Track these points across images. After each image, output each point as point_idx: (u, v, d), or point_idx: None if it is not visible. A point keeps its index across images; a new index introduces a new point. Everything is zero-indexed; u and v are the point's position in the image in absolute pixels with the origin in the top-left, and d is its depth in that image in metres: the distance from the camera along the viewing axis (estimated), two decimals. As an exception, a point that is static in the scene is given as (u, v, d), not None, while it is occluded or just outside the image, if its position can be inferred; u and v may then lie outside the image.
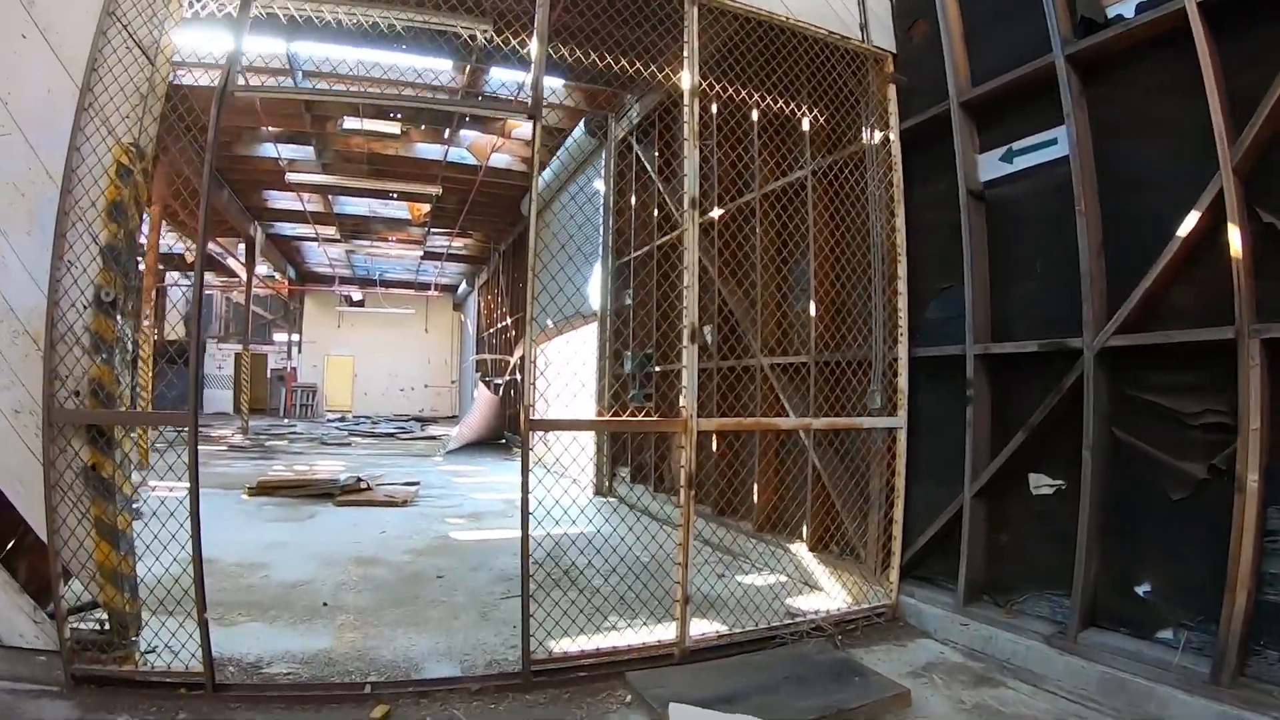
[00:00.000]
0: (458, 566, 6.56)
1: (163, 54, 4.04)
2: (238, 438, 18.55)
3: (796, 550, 6.22)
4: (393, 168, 15.54)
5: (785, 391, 6.58)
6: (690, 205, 4.43)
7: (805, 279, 6.34)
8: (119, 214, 3.83)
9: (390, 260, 27.58)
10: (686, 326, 4.44)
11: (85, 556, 3.76)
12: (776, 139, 6.75)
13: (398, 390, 34.05)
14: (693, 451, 4.38)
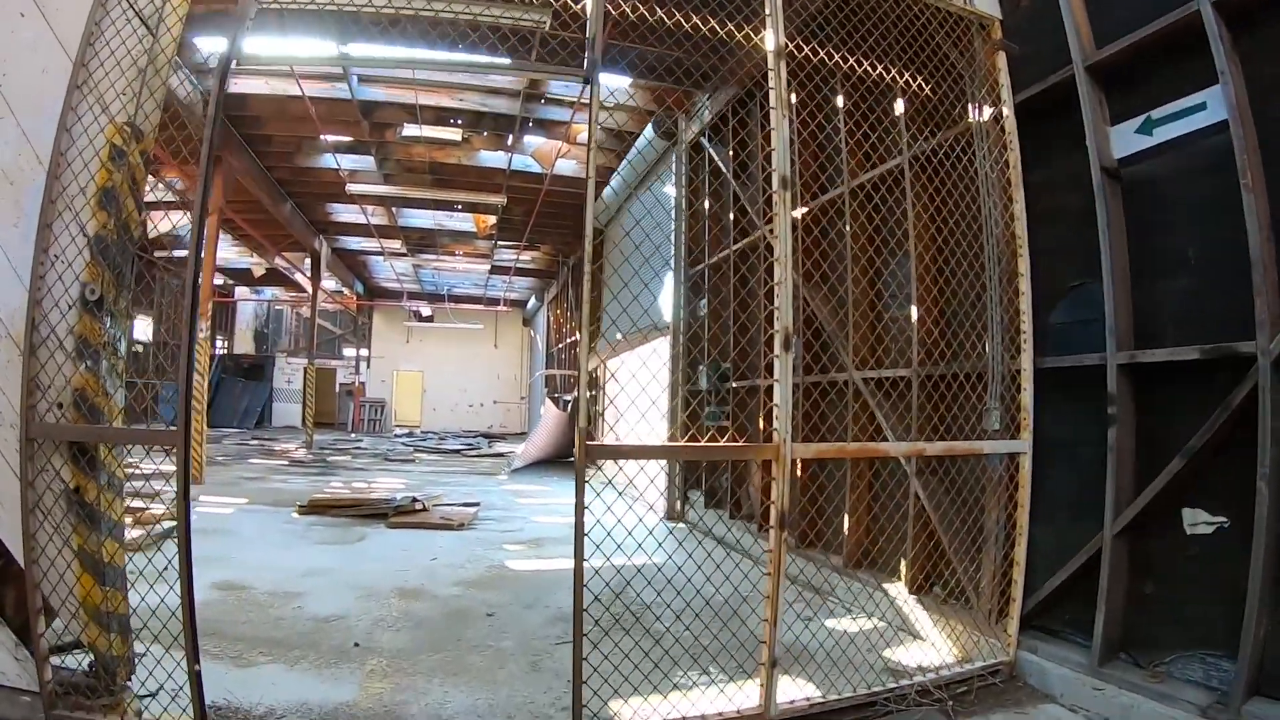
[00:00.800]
0: (510, 603, 5.98)
1: (165, 25, 3.55)
2: (301, 452, 18.53)
3: (894, 591, 5.46)
4: (455, 177, 15.34)
5: (882, 410, 5.85)
6: (781, 185, 3.77)
7: (905, 281, 5.61)
8: (110, 201, 3.36)
9: (458, 275, 27.60)
10: (779, 331, 3.71)
11: (66, 590, 3.29)
12: (865, 124, 6.04)
13: (466, 406, 34.05)
14: (787, 484, 3.67)
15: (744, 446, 4.89)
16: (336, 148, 13.66)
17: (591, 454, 3.46)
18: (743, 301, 8.78)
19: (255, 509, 9.93)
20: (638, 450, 4.14)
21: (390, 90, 11.31)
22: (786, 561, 5.33)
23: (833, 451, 4.49)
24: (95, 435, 3.26)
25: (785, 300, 3.73)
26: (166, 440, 3.22)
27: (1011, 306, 4.50)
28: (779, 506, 3.66)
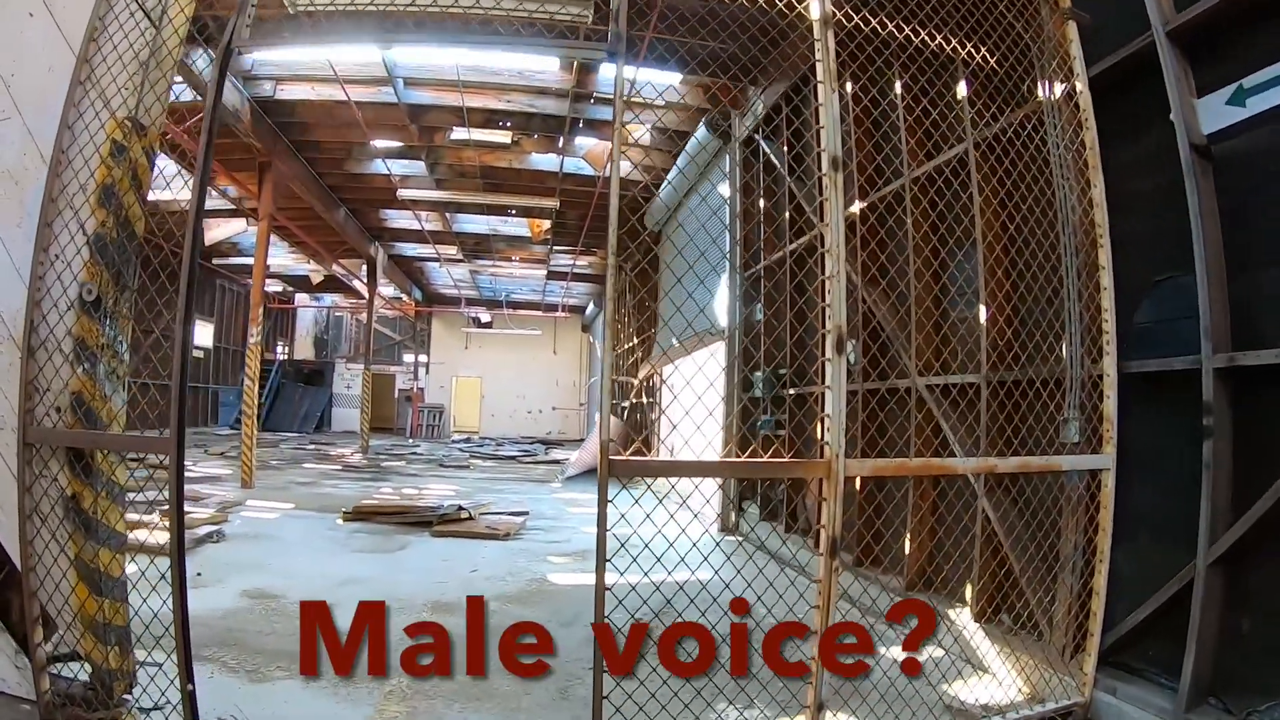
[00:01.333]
0: (548, 620, 5.69)
1: (169, 17, 3.43)
2: (356, 457, 18.69)
3: (957, 617, 5.05)
4: (508, 181, 15.31)
5: (948, 420, 5.44)
6: (832, 166, 3.42)
7: (972, 278, 5.20)
8: (109, 199, 3.23)
9: (515, 280, 27.71)
10: (831, 331, 3.30)
11: (63, 600, 3.17)
12: (923, 104, 5.64)
13: (525, 412, 34.13)
14: (838, 505, 3.25)
15: (790, 463, 4.37)
16: (386, 153, 13.73)
17: (616, 470, 3.13)
18: (799, 304, 8.44)
19: (301, 514, 9.92)
20: (670, 467, 3.69)
21: (436, 93, 11.27)
22: (842, 583, 4.90)
23: (892, 469, 4.01)
24: (88, 441, 3.15)
25: (837, 296, 3.36)
26: (159, 448, 3.06)
27: (1091, 304, 4.07)
28: (829, 531, 3.25)
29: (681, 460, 3.39)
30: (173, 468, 3.05)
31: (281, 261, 23.66)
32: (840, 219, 3.44)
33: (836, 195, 3.43)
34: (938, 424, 5.60)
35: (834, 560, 3.27)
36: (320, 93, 11.09)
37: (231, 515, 9.16)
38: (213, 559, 6.90)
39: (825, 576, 3.25)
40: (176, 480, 3.06)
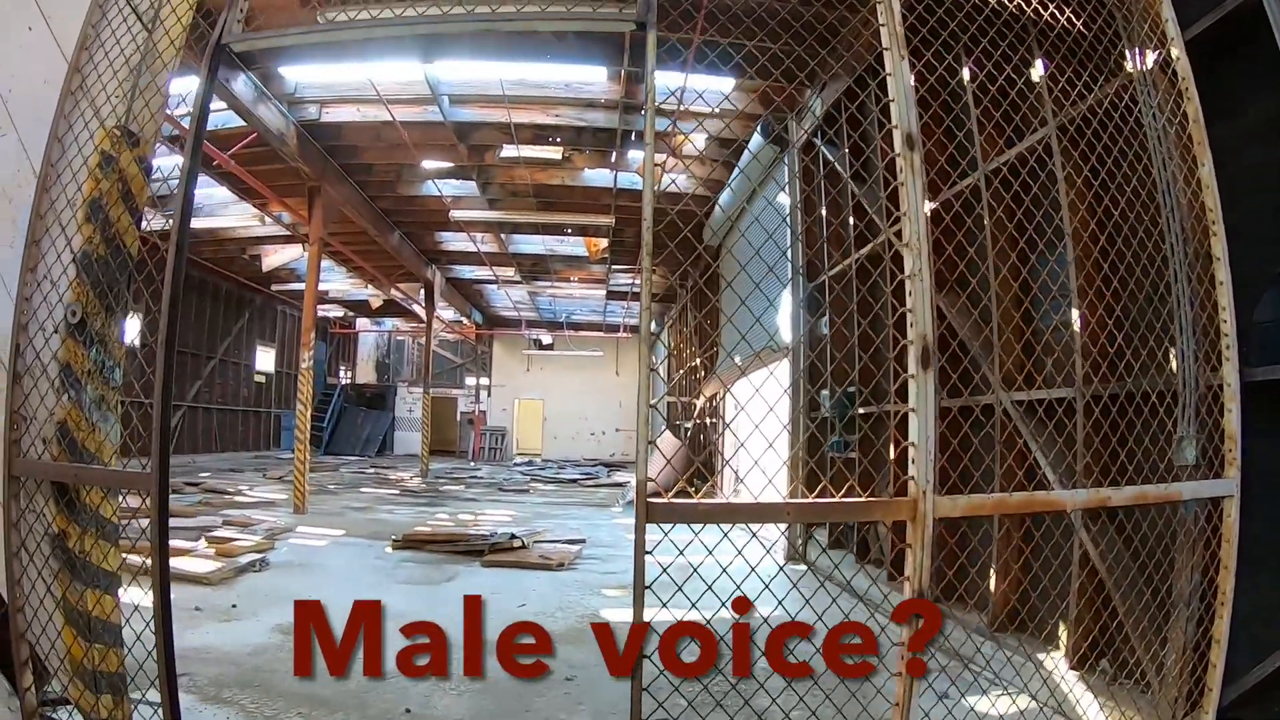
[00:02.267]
0: (596, 663, 5.33)
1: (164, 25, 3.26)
2: (415, 481, 18.73)
3: (1050, 663, 4.51)
4: (561, 199, 15.22)
5: (1038, 441, 4.93)
6: (906, 144, 3.00)
7: (1061, 279, 4.70)
8: (96, 213, 3.06)
9: (575, 301, 27.69)
10: (915, 341, 2.87)
11: (49, 644, 2.97)
12: (997, 89, 5.13)
13: (588, 434, 33.94)
14: (926, 553, 2.75)
15: (865, 504, 3.54)
16: (437, 174, 13.74)
17: (655, 515, 2.69)
18: (867, 317, 7.99)
19: (350, 542, 9.83)
20: (721, 511, 3.03)
21: (483, 109, 11.19)
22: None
23: (990, 507, 3.47)
24: (70, 474, 2.94)
25: (921, 299, 2.89)
26: (140, 483, 2.85)
27: (1206, 302, 3.54)
28: (915, 584, 2.75)
29: (735, 503, 2.94)
30: (154, 505, 2.82)
31: (340, 286, 24.02)
32: (920, 206, 3.00)
33: (914, 179, 2.99)
34: (1024, 446, 5.11)
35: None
36: (365, 114, 11.12)
37: (279, 542, 9.10)
38: (251, 589, 6.78)
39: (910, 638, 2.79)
40: (159, 520, 2.83)
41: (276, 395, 27.97)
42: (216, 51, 3.23)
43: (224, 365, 24.41)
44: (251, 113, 9.95)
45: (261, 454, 25.74)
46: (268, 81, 10.23)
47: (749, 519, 2.95)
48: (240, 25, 3.27)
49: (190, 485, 14.24)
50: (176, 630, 5.47)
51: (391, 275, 20.92)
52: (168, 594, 2.91)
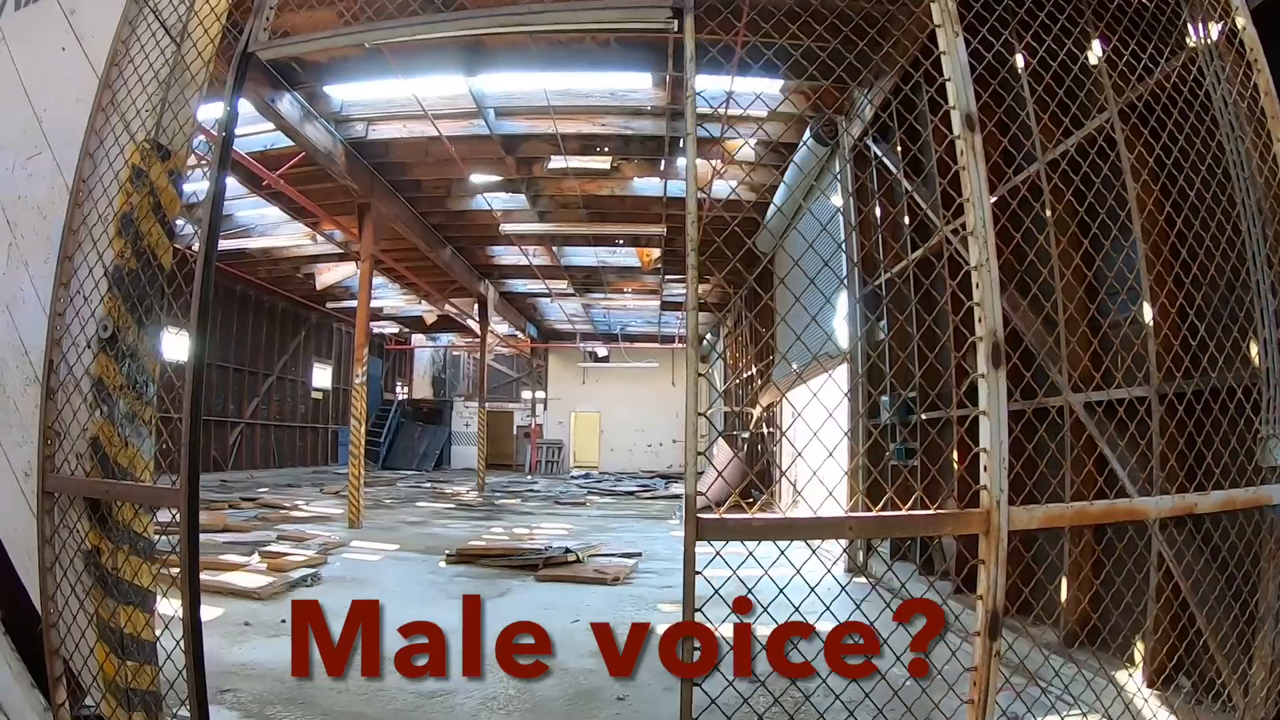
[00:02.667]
0: (650, 682, 5.19)
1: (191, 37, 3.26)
2: (471, 495, 18.82)
3: (1126, 681, 4.23)
4: (612, 210, 15.18)
5: (1111, 443, 4.67)
6: (967, 125, 2.82)
7: (1130, 270, 4.45)
8: (127, 228, 3.06)
9: (629, 313, 27.66)
10: (984, 338, 2.69)
11: (81, 661, 2.97)
12: (1051, 75, 4.89)
13: (645, 446, 33.88)
14: (1000, 569, 2.56)
15: (933, 517, 3.10)
16: (486, 188, 13.82)
17: (706, 531, 2.53)
18: (926, 319, 7.75)
19: (404, 557, 9.85)
20: (777, 527, 2.79)
21: (529, 121, 11.22)
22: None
23: (1069, 517, 3.14)
24: (101, 490, 2.93)
25: (989, 291, 2.69)
26: (169, 500, 2.82)
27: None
28: (988, 603, 2.54)
29: (792, 518, 2.75)
30: (183, 522, 2.80)
31: (394, 303, 24.38)
32: (984, 191, 2.82)
33: (976, 161, 2.81)
34: (1096, 449, 4.85)
35: (994, 642, 2.59)
36: (412, 130, 11.24)
37: (332, 557, 9.16)
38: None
39: (982, 663, 2.59)
40: (188, 536, 2.81)
41: (334, 411, 28.52)
42: (243, 60, 3.23)
43: (281, 382, 25.04)
44: (299, 132, 10.13)
45: (320, 469, 26.25)
46: (314, 100, 10.41)
47: (807, 535, 2.75)
48: (266, 34, 3.26)
49: (247, 500, 14.51)
50: (224, 645, 5.53)
51: (445, 290, 21.14)
52: (198, 612, 2.88)
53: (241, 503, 14.14)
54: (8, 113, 3.53)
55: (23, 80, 3.53)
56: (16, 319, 3.27)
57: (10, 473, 3.16)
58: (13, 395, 3.23)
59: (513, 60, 9.10)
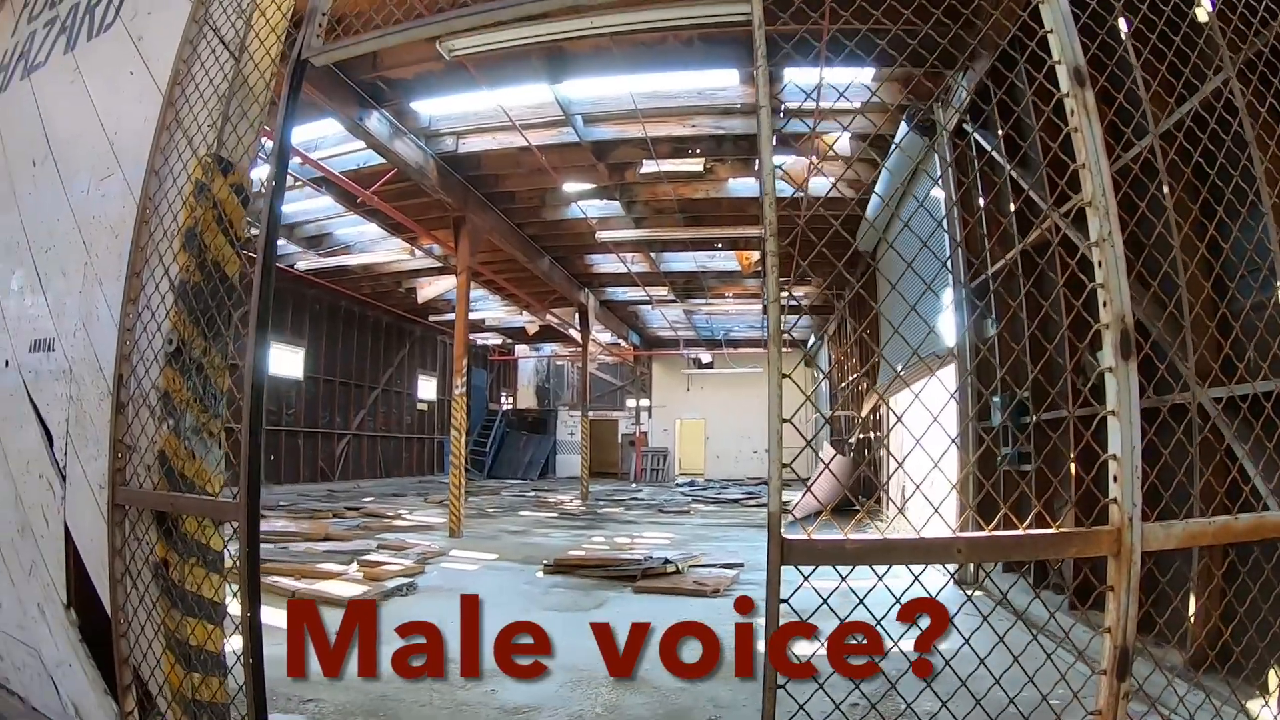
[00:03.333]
0: (744, 703, 5.01)
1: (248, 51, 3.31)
2: (575, 503, 18.94)
3: (1260, 711, 3.79)
4: (708, 212, 15.07)
5: (1244, 444, 4.22)
6: (1076, 81, 2.51)
7: (1262, 249, 4.02)
8: (191, 242, 3.11)
9: (731, 318, 27.45)
10: (1111, 325, 2.38)
11: (149, 670, 3.02)
12: (1157, 35, 4.44)
13: (751, 453, 33.51)
14: (1132, 597, 2.27)
15: (1059, 536, 2.54)
16: (580, 196, 13.87)
17: (792, 555, 2.32)
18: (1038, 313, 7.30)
19: (502, 566, 9.92)
20: (874, 550, 2.48)
21: (618, 126, 11.20)
22: (1099, 646, 3.53)
23: (1211, 534, 2.69)
24: (166, 503, 2.97)
25: (1114, 270, 2.40)
26: (228, 513, 2.83)
27: None
28: (1116, 639, 2.24)
29: (893, 540, 2.48)
30: (243, 535, 2.79)
31: (496, 314, 24.84)
32: (1101, 154, 2.49)
33: (1090, 120, 2.49)
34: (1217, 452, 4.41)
35: (1123, 684, 2.28)
36: (501, 141, 11.37)
37: (430, 566, 9.29)
38: (394, 614, 6.86)
39: (1108, 708, 2.28)
40: (248, 550, 2.80)
41: (439, 421, 29.29)
42: (298, 68, 3.24)
43: (386, 394, 25.95)
44: (389, 148, 10.39)
45: (425, 478, 26.99)
46: (402, 117, 10.67)
47: (910, 559, 2.47)
48: (319, 40, 3.27)
49: (351, 509, 14.97)
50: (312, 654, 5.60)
51: (545, 301, 21.39)
52: (258, 630, 2.86)
53: (345, 512, 14.58)
54: (84, 137, 3.67)
55: (96, 106, 3.67)
56: (92, 336, 3.37)
57: (87, 486, 3.25)
58: (89, 410, 3.33)
59: (596, 64, 9.07)
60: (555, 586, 8.78)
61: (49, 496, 3.44)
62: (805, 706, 2.43)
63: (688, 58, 9.16)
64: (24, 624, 3.56)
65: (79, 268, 3.50)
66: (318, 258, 17.32)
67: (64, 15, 4.23)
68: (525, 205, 14.38)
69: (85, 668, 3.22)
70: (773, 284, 2.39)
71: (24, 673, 3.60)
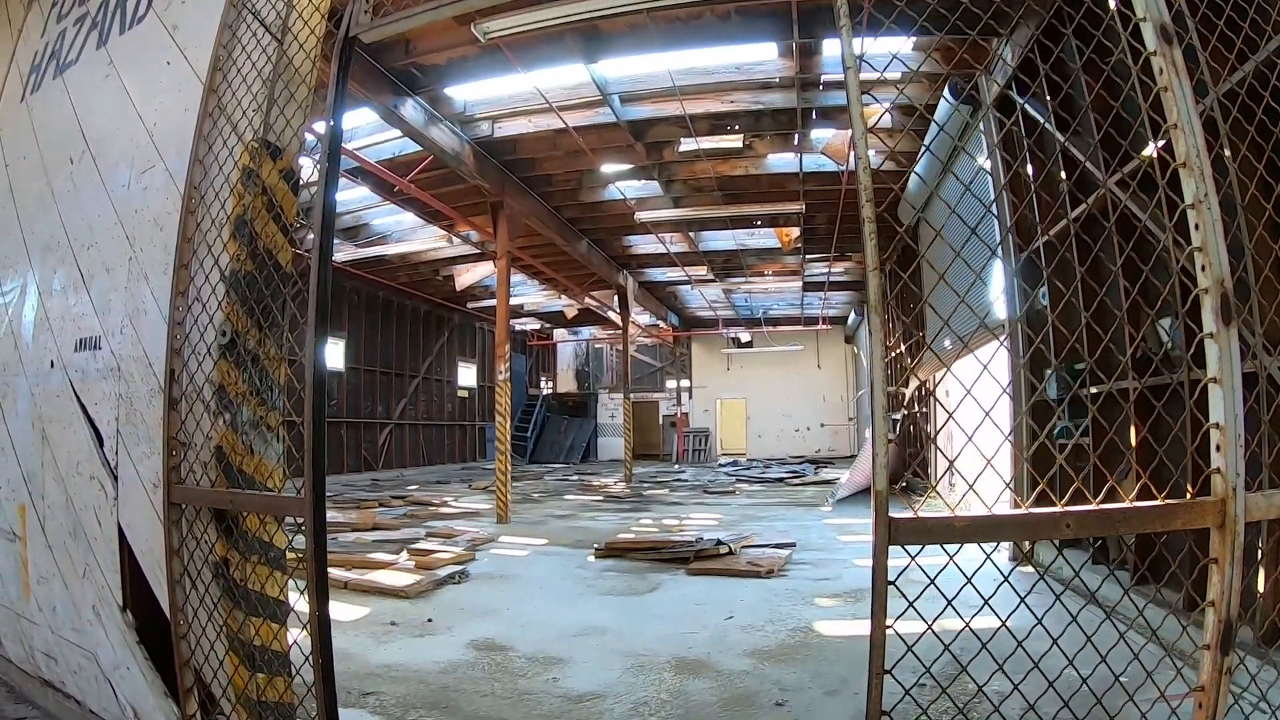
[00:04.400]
0: (809, 684, 4.88)
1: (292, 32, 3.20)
2: (619, 486, 18.92)
3: None
4: (747, 190, 14.82)
5: None
6: (1163, 38, 2.38)
7: None
8: (242, 230, 3.01)
9: (770, 296, 27.18)
10: (1211, 289, 2.28)
11: (212, 672, 2.95)
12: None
13: (793, 431, 33.38)
14: (1237, 570, 2.18)
15: (1164, 508, 2.38)
16: (618, 177, 13.71)
17: (900, 535, 2.24)
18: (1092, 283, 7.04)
19: (552, 551, 9.87)
20: (982, 527, 2.32)
21: (655, 105, 10.99)
22: (1153, 619, 3.38)
23: None
24: (226, 500, 2.88)
25: (1211, 232, 2.29)
26: (293, 508, 2.73)
27: None
28: (1221, 612, 2.14)
29: (1001, 515, 2.31)
30: (309, 531, 2.69)
31: (534, 299, 24.82)
32: (1193, 112, 2.36)
33: (1179, 79, 2.36)
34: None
35: (1227, 658, 2.18)
36: (537, 124, 11.23)
37: (480, 552, 9.27)
38: (449, 602, 6.84)
39: (1211, 683, 2.16)
40: (314, 546, 2.70)
41: (480, 408, 29.47)
42: (346, 45, 3.13)
43: (427, 382, 26.10)
44: (424, 135, 10.30)
45: (468, 465, 27.17)
46: (436, 104, 10.58)
47: (1018, 535, 2.37)
48: (368, 15, 3.15)
49: (397, 499, 15.02)
50: (370, 646, 5.56)
51: (583, 284, 21.31)
52: (327, 627, 2.77)
53: (391, 500, 14.65)
54: (121, 131, 3.60)
55: (133, 99, 3.59)
56: (140, 332, 3.29)
57: (140, 485, 3.18)
58: (139, 407, 3.26)
59: (632, 42, 8.88)
60: (608, 570, 8.69)
61: (100, 498, 3.38)
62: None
63: (725, 32, 8.93)
64: (79, 627, 3.52)
65: (123, 263, 3.42)
66: (355, 248, 17.35)
67: (94, 11, 4.17)
68: (563, 188, 14.24)
69: (144, 670, 3.17)
70: (871, 251, 2.22)
71: (80, 676, 3.56)
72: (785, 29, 8.92)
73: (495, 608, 6.74)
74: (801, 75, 10.17)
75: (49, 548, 3.72)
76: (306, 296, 2.87)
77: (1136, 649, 2.38)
